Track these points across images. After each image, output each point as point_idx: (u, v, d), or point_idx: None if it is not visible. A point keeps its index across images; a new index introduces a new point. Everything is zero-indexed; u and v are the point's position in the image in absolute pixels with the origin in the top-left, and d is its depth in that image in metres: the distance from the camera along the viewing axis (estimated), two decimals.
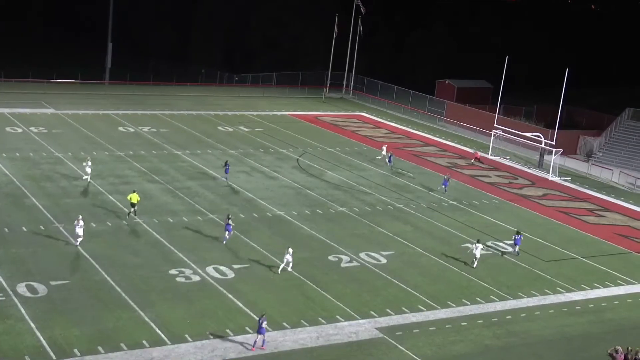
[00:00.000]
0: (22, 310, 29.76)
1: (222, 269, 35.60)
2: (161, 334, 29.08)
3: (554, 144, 61.04)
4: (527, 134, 64.34)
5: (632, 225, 49.99)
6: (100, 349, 27.56)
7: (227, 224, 38.69)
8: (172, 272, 34.77)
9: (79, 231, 36.26)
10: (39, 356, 26.75)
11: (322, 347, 29.46)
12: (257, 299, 32.74)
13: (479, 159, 62.54)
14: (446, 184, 51.86)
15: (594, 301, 36.69)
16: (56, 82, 76.46)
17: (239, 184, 49.41)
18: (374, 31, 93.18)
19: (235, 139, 62.60)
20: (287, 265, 35.94)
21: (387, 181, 53.90)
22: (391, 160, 57.10)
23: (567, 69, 59.54)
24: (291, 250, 36.06)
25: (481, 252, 39.27)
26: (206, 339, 29.09)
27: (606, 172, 62.36)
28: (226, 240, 38.76)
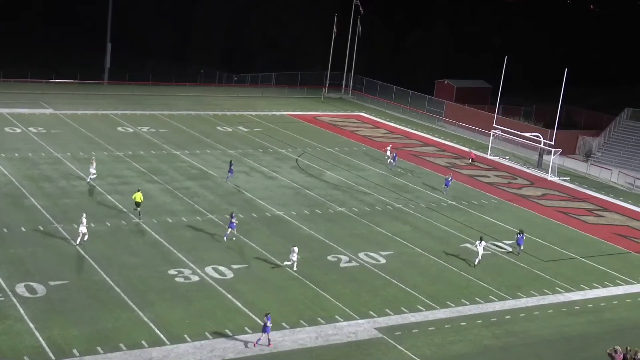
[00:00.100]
0: (21, 310, 29.74)
1: (221, 269, 35.60)
2: (160, 334, 29.08)
3: (553, 144, 61.05)
4: (526, 134, 64.36)
5: (631, 225, 50.02)
6: (99, 349, 27.55)
7: (231, 222, 38.84)
8: (171, 272, 34.78)
9: (83, 229, 36.47)
10: (38, 356, 26.72)
11: (321, 347, 29.46)
12: (256, 299, 32.74)
13: (473, 159, 62.53)
14: (448, 184, 52.02)
15: (593, 301, 36.71)
16: (55, 82, 76.44)
17: (238, 184, 49.40)
18: (373, 31, 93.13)
19: (234, 139, 62.59)
20: (292, 264, 35.99)
21: (386, 181, 53.90)
22: (395, 159, 57.47)
23: (566, 69, 59.55)
24: (296, 249, 36.14)
25: (484, 249, 39.43)
26: (205, 339, 29.08)
27: (605, 172, 62.39)
28: (227, 237, 38.87)
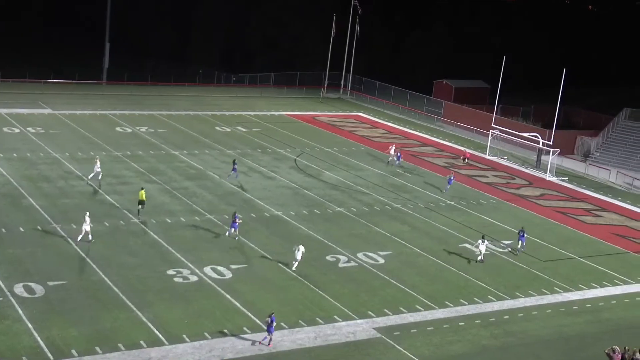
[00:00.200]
0: (20, 310, 29.72)
1: (220, 269, 35.60)
2: (159, 334, 29.08)
3: (551, 144, 61.09)
4: (525, 134, 64.41)
5: (629, 225, 50.07)
6: (97, 349, 27.54)
7: (234, 221, 39.08)
8: (170, 272, 34.77)
9: (86, 227, 36.66)
10: (37, 357, 26.71)
11: (320, 347, 29.47)
12: (255, 299, 32.75)
13: (467, 159, 62.48)
14: (450, 183, 52.31)
15: (592, 301, 36.75)
16: (53, 82, 76.39)
17: (237, 185, 49.39)
18: (372, 31, 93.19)
19: (232, 139, 62.58)
20: (297, 262, 36.15)
21: (384, 181, 53.91)
22: (400, 158, 57.77)
23: (565, 69, 59.58)
24: (302, 247, 36.23)
25: (487, 247, 39.64)
26: (204, 339, 29.08)
27: (603, 172, 62.44)
28: (230, 233, 39.15)
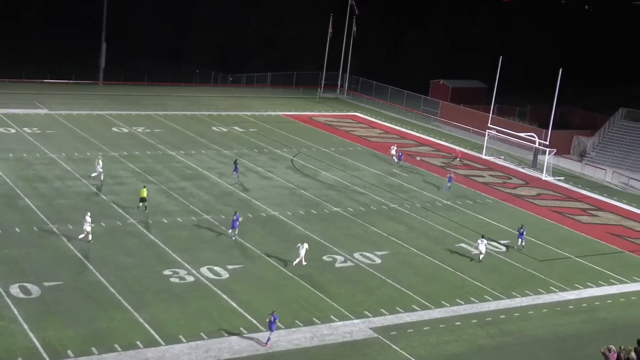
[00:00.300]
0: (15, 311, 29.67)
1: (217, 269, 35.59)
2: (155, 334, 29.06)
3: (547, 143, 61.17)
4: (521, 134, 64.46)
5: (625, 224, 50.15)
6: (94, 349, 27.52)
7: (235, 220, 39.35)
8: (166, 272, 34.76)
9: (87, 227, 36.79)
10: (32, 357, 26.68)
11: (316, 347, 29.48)
12: (251, 300, 32.76)
13: (459, 158, 62.40)
14: (450, 181, 52.67)
15: (587, 300, 36.81)
16: (50, 83, 76.29)
17: (233, 185, 49.40)
18: (369, 31, 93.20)
19: (229, 139, 62.57)
20: (301, 261, 36.41)
21: (381, 181, 53.94)
22: (401, 157, 58.17)
23: (561, 69, 59.64)
24: (306, 245, 36.43)
25: (486, 247, 39.81)
26: (200, 339, 29.08)
27: (599, 172, 62.54)
28: (232, 233, 39.49)
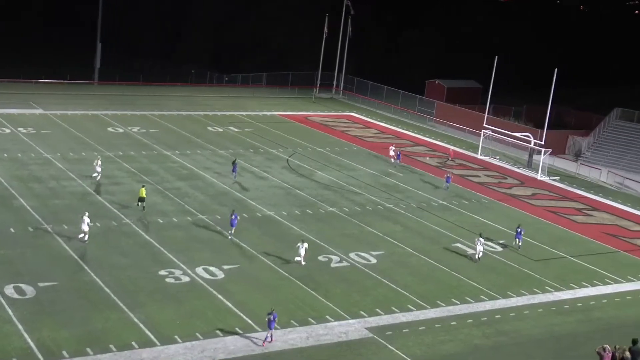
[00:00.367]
0: (10, 312, 29.57)
1: (212, 269, 35.55)
2: (150, 335, 29.00)
3: (543, 143, 61.25)
4: (517, 134, 64.55)
5: (620, 224, 50.25)
6: (89, 350, 27.45)
7: (232, 219, 39.50)
8: (162, 272, 34.70)
9: (85, 227, 36.81)
10: (27, 358, 26.60)
11: (312, 347, 29.46)
12: (247, 300, 32.72)
13: (451, 158, 62.36)
14: (449, 181, 53.00)
15: (583, 300, 36.86)
16: (45, 83, 76.12)
17: (229, 184, 49.36)
18: (365, 31, 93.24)
19: (225, 139, 62.51)
20: (300, 257, 36.60)
21: (376, 181, 53.94)
22: (399, 157, 58.47)
23: (556, 69, 59.70)
24: (306, 244, 36.59)
25: (484, 246, 40.04)
26: (196, 339, 29.03)
27: (594, 172, 62.66)
28: (231, 232, 39.62)
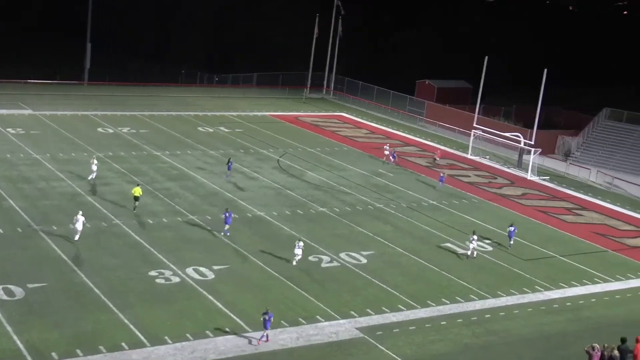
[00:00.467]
0: None
1: (202, 270, 35.51)
2: (140, 335, 28.95)
3: (532, 143, 61.47)
4: (507, 134, 64.77)
5: (608, 223, 50.51)
6: (78, 351, 27.36)
7: (227, 218, 39.64)
8: (152, 273, 34.63)
9: (79, 226, 36.80)
10: None
11: (302, 348, 29.48)
12: (237, 300, 32.70)
13: (437, 158, 62.39)
14: (442, 180, 53.29)
15: (572, 299, 37.04)
16: (34, 83, 75.79)
17: (219, 185, 49.31)
18: (355, 32, 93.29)
19: (215, 139, 62.43)
20: (298, 257, 36.84)
21: (367, 181, 54.01)
22: (394, 157, 58.69)
23: (546, 70, 59.94)
24: (302, 243, 36.96)
25: (477, 243, 40.43)
26: (186, 340, 28.99)
27: (584, 172, 62.96)
28: (225, 232, 39.76)
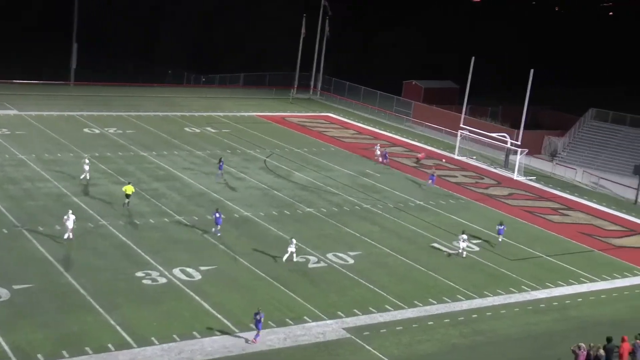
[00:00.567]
0: None
1: (189, 270, 35.40)
2: (127, 337, 28.82)
3: (519, 143, 61.72)
4: (493, 134, 64.99)
5: (595, 223, 50.78)
6: (64, 353, 27.20)
7: (217, 217, 39.85)
8: (138, 274, 34.49)
9: (70, 224, 36.78)
10: None
11: (289, 348, 29.45)
12: (224, 301, 32.62)
13: (419, 159, 62.43)
14: (433, 179, 53.73)
15: (558, 299, 37.21)
16: (19, 83, 75.30)
17: (206, 185, 49.17)
18: (342, 32, 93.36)
19: (202, 140, 62.27)
20: (292, 255, 37.14)
21: (354, 182, 54.04)
22: (386, 157, 58.85)
23: (532, 70, 60.19)
24: (294, 241, 37.26)
25: (467, 242, 40.79)
26: (173, 341, 28.89)
27: (570, 172, 63.28)
28: (217, 231, 40.00)
